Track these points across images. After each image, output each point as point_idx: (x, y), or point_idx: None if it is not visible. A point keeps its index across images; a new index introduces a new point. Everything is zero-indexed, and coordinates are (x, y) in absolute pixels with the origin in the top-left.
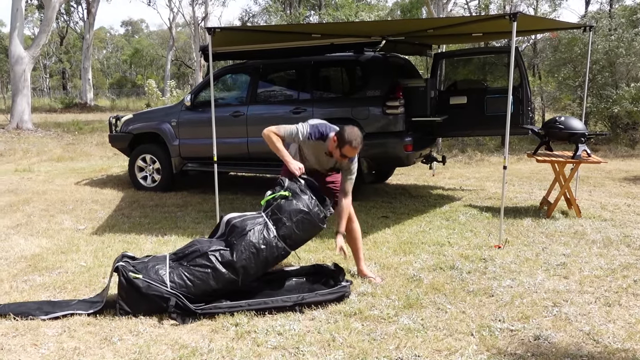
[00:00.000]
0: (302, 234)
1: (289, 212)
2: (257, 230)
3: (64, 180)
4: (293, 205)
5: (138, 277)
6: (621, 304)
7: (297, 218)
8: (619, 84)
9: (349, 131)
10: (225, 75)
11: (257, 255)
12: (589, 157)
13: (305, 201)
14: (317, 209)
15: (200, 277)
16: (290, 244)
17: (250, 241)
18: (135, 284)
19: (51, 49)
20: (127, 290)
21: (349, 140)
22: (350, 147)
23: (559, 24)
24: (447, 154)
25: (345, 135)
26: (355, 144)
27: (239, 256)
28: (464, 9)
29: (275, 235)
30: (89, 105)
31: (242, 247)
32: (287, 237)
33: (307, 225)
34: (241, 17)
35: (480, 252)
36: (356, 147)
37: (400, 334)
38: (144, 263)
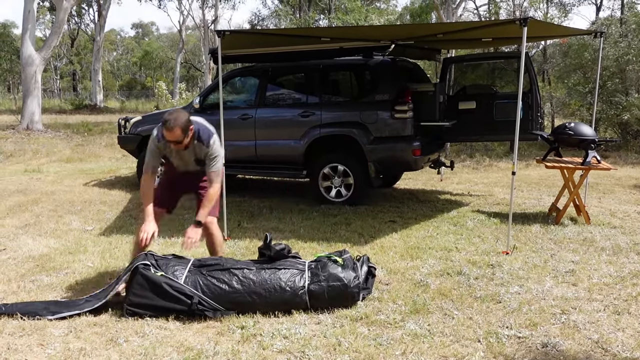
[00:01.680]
0: (329, 300)
1: (329, 275)
2: (291, 273)
3: (72, 181)
4: (336, 272)
5: (158, 273)
6: (630, 312)
7: (332, 284)
8: (629, 91)
9: (166, 115)
10: (234, 78)
11: (277, 293)
12: (599, 163)
13: (350, 276)
14: (356, 289)
15: (214, 291)
16: (312, 302)
17: (279, 277)
18: (154, 280)
19: (62, 50)
20: (142, 285)
21: (164, 122)
22: (166, 130)
23: (569, 30)
24: (456, 159)
25: (164, 118)
26: (168, 125)
27: (261, 284)
28: (474, 14)
29: (304, 286)
30: (99, 106)
31: (269, 278)
32: (313, 295)
33: (338, 295)
34: (251, 20)
35: (487, 258)
36: (170, 129)
37: (407, 339)
38: (167, 260)
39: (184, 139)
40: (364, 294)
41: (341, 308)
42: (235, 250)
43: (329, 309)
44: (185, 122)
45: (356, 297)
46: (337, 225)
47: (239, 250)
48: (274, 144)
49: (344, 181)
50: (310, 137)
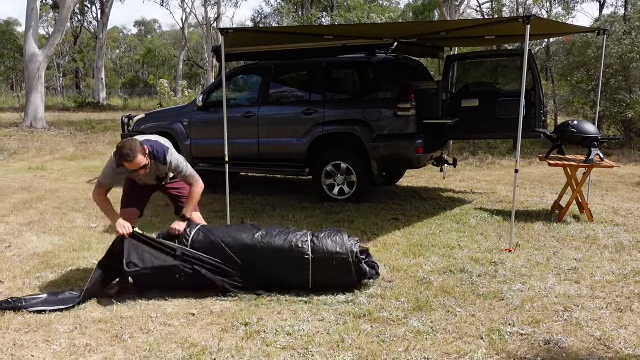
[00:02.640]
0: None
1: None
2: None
3: (76, 179)
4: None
5: None
6: (633, 309)
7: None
8: (633, 89)
9: (118, 148)
10: (237, 76)
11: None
12: (602, 161)
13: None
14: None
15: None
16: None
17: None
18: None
19: (65, 48)
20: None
21: (122, 156)
22: (127, 163)
23: (573, 28)
24: (458, 156)
25: (117, 153)
26: (129, 158)
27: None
28: (477, 12)
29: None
30: (102, 104)
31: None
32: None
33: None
34: (253, 18)
35: (490, 255)
36: (132, 160)
37: (410, 336)
38: None
39: (148, 163)
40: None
41: (342, 303)
42: None
43: (332, 302)
44: (140, 146)
45: (354, 248)
46: (340, 223)
47: None
48: (277, 141)
49: (347, 179)
50: (313, 135)
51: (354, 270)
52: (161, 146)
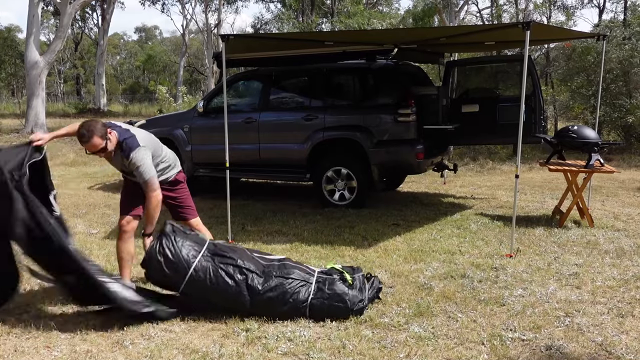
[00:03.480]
0: (327, 315)
1: (333, 294)
2: (296, 284)
3: (77, 185)
4: (342, 291)
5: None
6: (634, 315)
7: (335, 304)
8: (633, 94)
9: (79, 130)
10: (237, 82)
11: (280, 302)
12: (602, 166)
13: (355, 299)
14: (359, 312)
15: (221, 285)
16: (311, 314)
17: (284, 287)
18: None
19: (66, 54)
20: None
21: (79, 137)
22: (83, 144)
23: (572, 33)
24: (459, 162)
25: (78, 135)
26: (84, 139)
27: (265, 292)
28: (477, 17)
29: (306, 299)
30: (102, 110)
31: (275, 287)
32: (314, 309)
33: (337, 313)
34: (253, 24)
35: (491, 260)
36: (87, 141)
37: (411, 342)
38: (185, 235)
39: (106, 145)
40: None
41: None
42: None
43: None
44: (102, 129)
45: (358, 314)
46: (340, 229)
47: None
48: (277, 147)
49: (348, 184)
50: (313, 141)
51: None
52: (134, 142)
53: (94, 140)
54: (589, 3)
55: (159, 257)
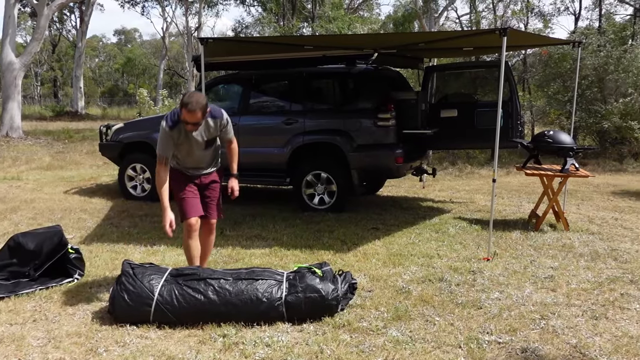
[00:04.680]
0: (306, 312)
1: (307, 286)
2: (268, 284)
3: (52, 189)
4: (314, 283)
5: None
6: (608, 317)
7: (310, 295)
8: (608, 100)
9: (186, 96)
10: (217, 85)
11: (253, 304)
12: (577, 171)
13: (328, 288)
14: (334, 301)
15: (189, 301)
16: (289, 314)
17: (256, 288)
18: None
19: (43, 56)
20: (115, 297)
21: (185, 103)
22: (186, 111)
23: (548, 40)
24: (438, 166)
25: (183, 100)
26: (191, 107)
27: (237, 294)
28: (456, 23)
29: (280, 297)
30: (80, 113)
31: (246, 288)
32: (290, 306)
33: (315, 306)
34: (234, 27)
35: (469, 264)
36: (191, 111)
37: (389, 346)
38: (144, 269)
39: (201, 120)
40: (342, 306)
41: None
42: (218, 258)
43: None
44: (205, 104)
45: (334, 309)
46: (320, 233)
47: (221, 258)
48: (257, 151)
49: (327, 188)
50: (293, 145)
51: None
52: (217, 107)
53: (197, 114)
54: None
55: (122, 293)
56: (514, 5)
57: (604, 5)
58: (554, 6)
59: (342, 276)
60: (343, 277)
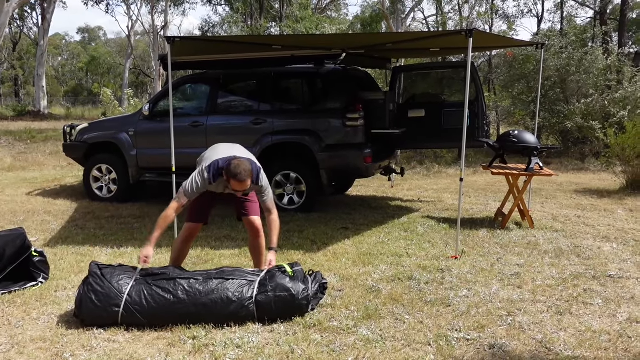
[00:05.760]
0: (277, 311)
1: (277, 285)
2: (239, 283)
3: (14, 191)
4: (284, 282)
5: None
6: (572, 312)
7: (280, 294)
8: (570, 100)
9: (234, 165)
10: (184, 85)
11: (223, 304)
12: (542, 170)
13: (299, 287)
14: (304, 300)
15: (158, 301)
16: (260, 313)
17: (226, 288)
18: (88, 295)
19: (3, 55)
20: (82, 299)
21: (234, 174)
22: (235, 181)
23: (513, 42)
24: (406, 166)
25: (231, 170)
26: (240, 178)
27: (207, 294)
28: (422, 24)
29: (251, 297)
30: (43, 113)
31: (216, 288)
32: (261, 305)
33: (285, 306)
34: (201, 27)
35: (437, 262)
36: (242, 181)
37: (359, 345)
38: (113, 269)
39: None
40: (312, 305)
41: None
42: (187, 259)
43: (282, 318)
44: (251, 171)
45: (304, 308)
46: (289, 233)
47: (190, 259)
48: None
49: (297, 188)
50: (262, 145)
51: None
52: (256, 166)
53: (247, 182)
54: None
55: (89, 294)
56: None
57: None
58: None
59: (312, 276)
60: (314, 277)
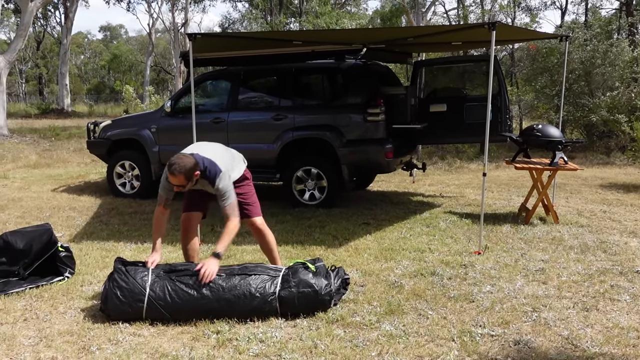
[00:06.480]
0: (300, 306)
1: (300, 281)
2: (262, 279)
3: (40, 187)
4: (307, 278)
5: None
6: (599, 308)
7: (303, 290)
8: (595, 93)
9: (172, 159)
10: (205, 81)
11: (246, 299)
12: (566, 164)
13: (321, 283)
14: (327, 296)
15: (182, 297)
16: (283, 309)
17: (249, 283)
18: (113, 291)
19: (28, 53)
20: (107, 294)
21: (169, 165)
22: (170, 175)
23: (536, 34)
24: (427, 161)
25: (169, 162)
26: (173, 170)
27: (230, 290)
28: (443, 18)
29: (274, 292)
30: (66, 111)
31: (239, 284)
32: (284, 301)
33: (308, 301)
34: (221, 23)
35: (460, 258)
36: (174, 174)
37: (382, 340)
38: (136, 266)
39: (186, 184)
40: (335, 301)
41: None
42: (209, 254)
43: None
44: (190, 169)
45: (327, 304)
46: (311, 228)
47: None
48: (246, 147)
49: (318, 184)
50: (283, 141)
51: None
52: (215, 168)
53: (180, 178)
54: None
55: (114, 290)
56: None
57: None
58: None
59: (334, 271)
60: (336, 273)
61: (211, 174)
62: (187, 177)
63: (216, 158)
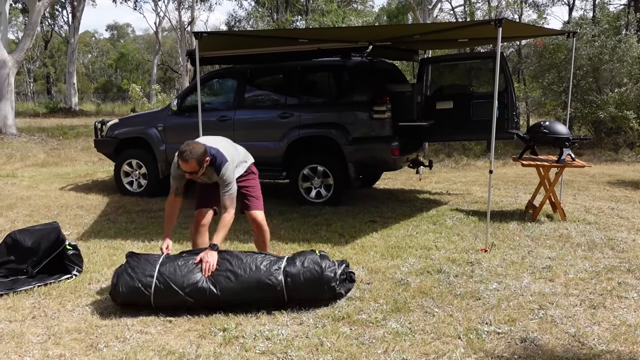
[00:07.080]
0: (305, 282)
1: (305, 259)
2: (268, 258)
3: (48, 186)
4: (312, 256)
5: None
6: (606, 306)
7: (308, 266)
8: (603, 90)
9: (184, 145)
10: (212, 80)
11: (252, 272)
12: (573, 161)
13: (326, 263)
14: (332, 273)
15: (190, 268)
16: (289, 283)
17: (255, 259)
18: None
19: (35, 53)
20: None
21: (180, 152)
22: (181, 161)
23: (543, 31)
24: (434, 158)
25: (180, 149)
26: (184, 157)
27: (237, 264)
28: (450, 15)
29: (280, 267)
30: (74, 109)
31: (246, 260)
32: (289, 274)
33: (313, 277)
34: (227, 22)
35: (467, 255)
36: (186, 160)
37: (389, 337)
38: (148, 254)
39: (199, 170)
40: (340, 289)
41: (321, 307)
42: None
43: (310, 307)
44: (201, 155)
45: (332, 282)
46: (317, 226)
47: None
48: (253, 145)
49: (324, 182)
50: (289, 139)
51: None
52: (221, 157)
53: (192, 163)
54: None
55: (126, 269)
56: None
57: None
58: None
59: (339, 262)
60: (340, 263)
61: (217, 162)
62: (198, 162)
63: (222, 148)
